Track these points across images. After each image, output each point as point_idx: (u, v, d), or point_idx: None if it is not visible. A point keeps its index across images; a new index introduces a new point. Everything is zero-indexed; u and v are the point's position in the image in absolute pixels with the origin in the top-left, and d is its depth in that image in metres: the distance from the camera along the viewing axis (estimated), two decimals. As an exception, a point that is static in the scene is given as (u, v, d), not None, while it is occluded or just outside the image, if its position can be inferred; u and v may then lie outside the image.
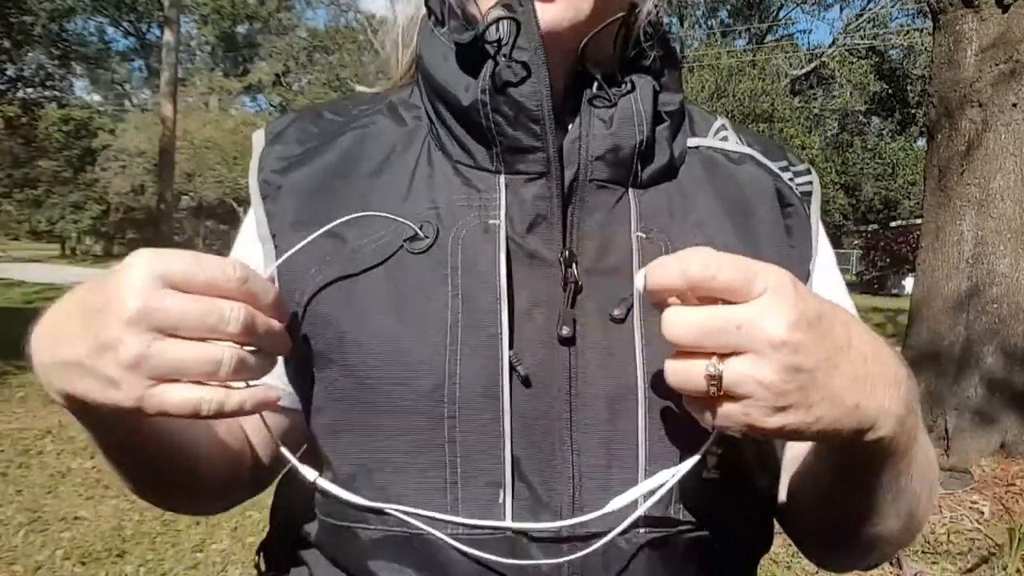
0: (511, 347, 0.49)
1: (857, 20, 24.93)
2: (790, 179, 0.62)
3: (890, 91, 26.38)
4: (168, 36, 10.86)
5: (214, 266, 0.43)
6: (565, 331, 0.50)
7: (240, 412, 0.44)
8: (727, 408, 0.40)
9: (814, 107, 24.27)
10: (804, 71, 24.34)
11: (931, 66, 4.87)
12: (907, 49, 24.84)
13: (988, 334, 4.29)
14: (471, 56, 0.53)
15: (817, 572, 3.00)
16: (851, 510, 0.52)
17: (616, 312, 0.51)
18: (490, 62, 0.51)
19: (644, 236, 0.54)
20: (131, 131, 30.26)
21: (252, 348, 0.45)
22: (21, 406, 5.48)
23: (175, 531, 3.34)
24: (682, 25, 29.02)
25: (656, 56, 0.56)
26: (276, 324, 0.46)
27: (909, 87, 26.23)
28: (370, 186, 0.56)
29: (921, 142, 26.34)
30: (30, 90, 21.56)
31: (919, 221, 6.17)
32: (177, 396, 0.42)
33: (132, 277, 0.41)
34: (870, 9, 25.32)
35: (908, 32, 23.84)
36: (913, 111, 27.18)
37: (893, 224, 23.02)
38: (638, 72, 0.56)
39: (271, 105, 42.42)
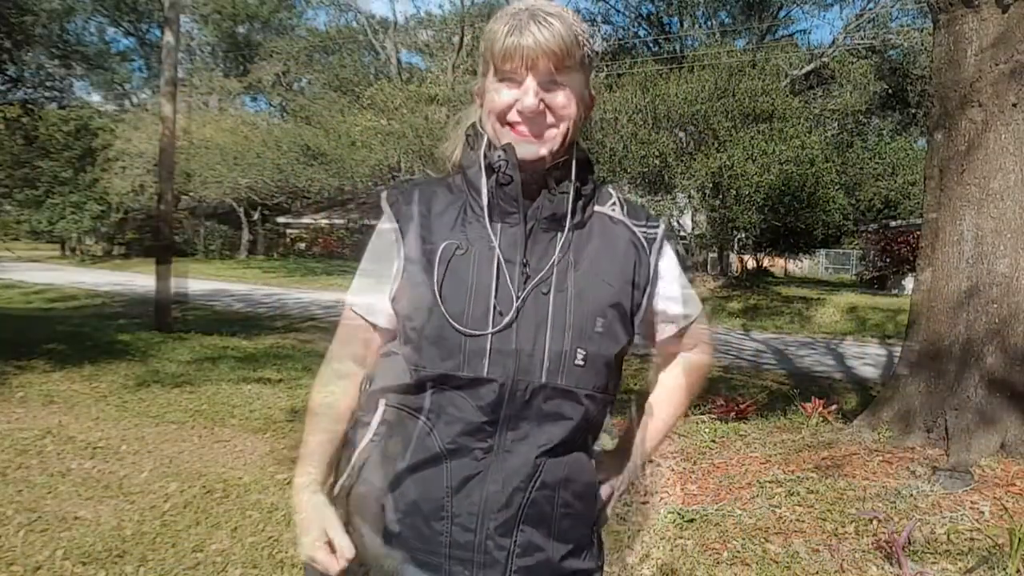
0: (495, 297, 1.08)
1: (857, 20, 24.88)
2: (643, 233, 1.19)
3: (890, 91, 26.35)
4: (168, 36, 10.83)
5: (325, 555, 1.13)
6: (518, 295, 1.08)
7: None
8: None
9: (814, 107, 24.20)
10: (804, 71, 24.31)
11: (931, 66, 4.87)
12: (907, 49, 24.82)
13: (988, 334, 4.28)
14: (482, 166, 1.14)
15: (817, 573, 3.00)
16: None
17: (543, 290, 1.09)
18: (495, 174, 1.11)
19: (561, 256, 1.11)
20: (131, 131, 30.26)
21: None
22: (21, 406, 5.48)
23: (175, 531, 3.34)
24: (682, 25, 29.02)
25: (585, 170, 1.16)
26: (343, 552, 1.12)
27: (909, 87, 26.21)
28: (439, 219, 1.16)
29: (921, 142, 26.33)
30: (30, 90, 21.55)
31: (919, 221, 6.16)
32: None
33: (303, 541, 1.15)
34: (870, 9, 25.28)
35: (908, 32, 23.81)
36: (913, 111, 27.16)
37: (893, 224, 22.97)
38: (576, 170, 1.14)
39: (271, 105, 42.41)
